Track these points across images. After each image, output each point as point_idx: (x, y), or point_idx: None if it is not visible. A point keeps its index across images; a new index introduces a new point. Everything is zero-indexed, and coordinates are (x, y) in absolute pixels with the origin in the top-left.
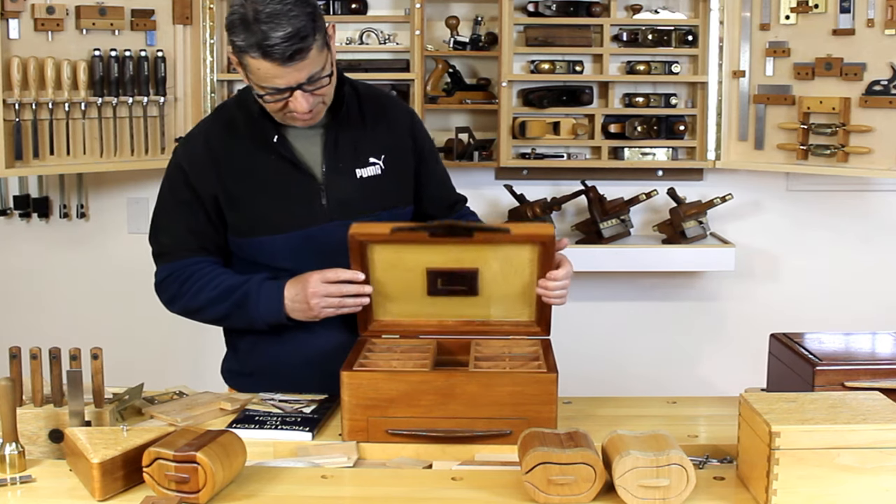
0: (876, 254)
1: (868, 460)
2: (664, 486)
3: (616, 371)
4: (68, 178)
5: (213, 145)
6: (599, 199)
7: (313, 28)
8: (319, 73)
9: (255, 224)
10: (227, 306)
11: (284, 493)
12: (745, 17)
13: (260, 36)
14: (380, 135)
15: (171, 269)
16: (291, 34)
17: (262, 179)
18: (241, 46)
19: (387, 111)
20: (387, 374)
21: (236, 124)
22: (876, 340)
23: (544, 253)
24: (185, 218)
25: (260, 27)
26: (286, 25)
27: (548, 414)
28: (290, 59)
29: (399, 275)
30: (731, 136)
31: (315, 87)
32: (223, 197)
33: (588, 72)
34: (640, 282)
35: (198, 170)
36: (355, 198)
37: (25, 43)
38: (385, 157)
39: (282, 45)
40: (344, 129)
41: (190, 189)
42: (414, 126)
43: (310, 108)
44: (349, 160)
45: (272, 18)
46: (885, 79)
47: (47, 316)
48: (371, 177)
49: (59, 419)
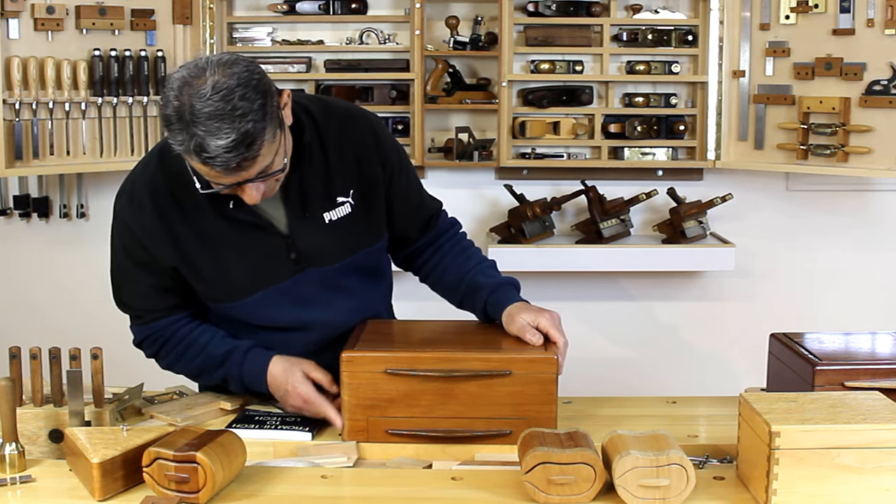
0: (876, 253)
1: (868, 460)
2: (664, 486)
3: (616, 371)
4: (68, 178)
5: (163, 207)
6: (599, 198)
7: (262, 126)
8: (271, 167)
9: (222, 292)
10: (213, 379)
11: (284, 493)
12: (745, 16)
13: (197, 141)
14: (346, 166)
15: (145, 333)
16: (235, 142)
17: (224, 245)
18: (178, 148)
19: (350, 135)
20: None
21: (187, 182)
22: (876, 340)
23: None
24: (148, 278)
25: (198, 131)
26: (229, 132)
27: (548, 414)
28: (235, 169)
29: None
30: (731, 136)
31: (267, 178)
32: (183, 266)
33: (588, 72)
34: (640, 282)
35: (151, 237)
36: (326, 245)
37: (25, 43)
38: (353, 191)
39: (223, 156)
40: (307, 173)
41: (145, 250)
42: (379, 144)
43: (261, 194)
44: (316, 206)
45: (212, 121)
46: (885, 79)
47: (47, 316)
48: (341, 218)
49: (59, 419)
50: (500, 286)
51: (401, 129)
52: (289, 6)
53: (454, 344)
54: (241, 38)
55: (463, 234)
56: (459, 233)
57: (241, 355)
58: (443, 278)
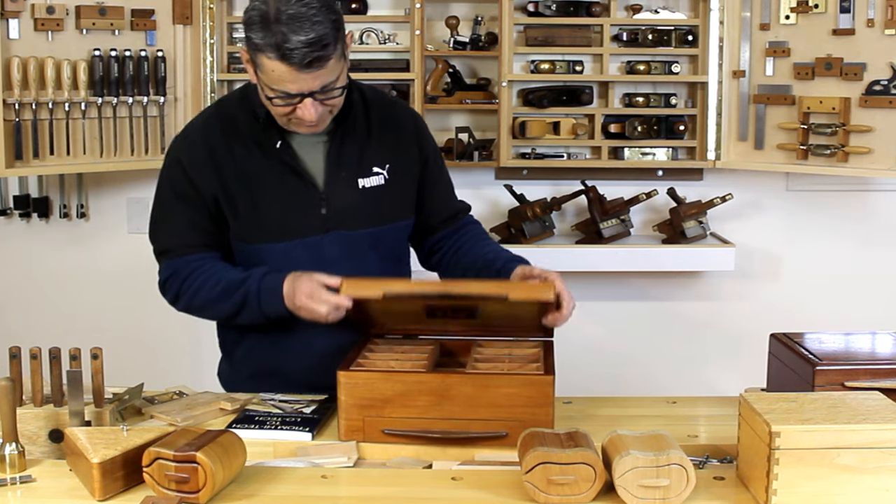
0: (876, 253)
1: (868, 460)
2: (664, 486)
3: (616, 371)
4: (68, 178)
5: (213, 143)
6: (599, 198)
7: (335, 37)
8: (333, 84)
9: (253, 231)
10: (229, 306)
11: (284, 493)
12: (745, 17)
13: (280, 37)
14: (385, 144)
15: (173, 268)
16: (313, 40)
17: (263, 184)
18: (257, 45)
19: (394, 119)
20: (383, 374)
21: (238, 123)
22: (876, 340)
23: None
24: (186, 212)
25: (280, 28)
26: (309, 30)
27: (544, 416)
28: (308, 66)
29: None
30: (731, 136)
31: (326, 97)
32: (222, 197)
33: (588, 72)
34: (640, 282)
35: (197, 166)
36: (356, 208)
37: (25, 43)
38: (389, 166)
39: (301, 51)
40: (349, 138)
41: (190, 183)
42: (420, 133)
43: (317, 117)
44: (352, 170)
45: (294, 21)
46: (885, 79)
47: (47, 316)
48: (374, 187)
49: (59, 419)
50: (516, 258)
51: None
52: None
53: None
54: (242, 38)
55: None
56: (478, 227)
57: (261, 274)
58: (461, 260)
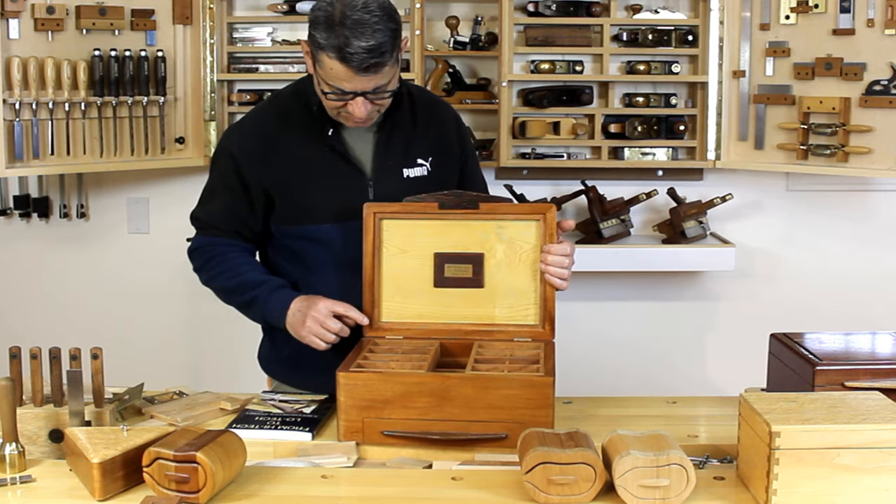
0: (876, 253)
1: (868, 460)
2: (664, 486)
3: (616, 371)
4: (68, 178)
5: (267, 132)
6: (599, 199)
7: (393, 45)
8: (385, 87)
9: (301, 212)
10: (238, 302)
11: (284, 493)
12: (745, 17)
13: (342, 40)
14: (429, 138)
15: (202, 242)
16: (373, 47)
17: (313, 169)
18: (320, 43)
19: (437, 116)
20: (382, 375)
21: (291, 114)
22: (876, 340)
23: (547, 230)
24: (228, 200)
25: (344, 31)
26: (370, 37)
27: (544, 418)
28: (366, 70)
29: (408, 262)
30: (731, 136)
31: (377, 97)
32: (272, 185)
33: (588, 72)
34: (640, 282)
35: (249, 158)
36: (400, 195)
37: (25, 43)
38: (432, 159)
39: (360, 55)
40: (396, 131)
41: (238, 177)
42: (460, 131)
43: (365, 115)
44: (398, 160)
45: (358, 26)
46: (885, 79)
47: (47, 316)
48: (417, 177)
49: (59, 419)
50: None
51: None
52: (289, 6)
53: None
54: (241, 38)
55: None
56: None
57: (274, 286)
58: None
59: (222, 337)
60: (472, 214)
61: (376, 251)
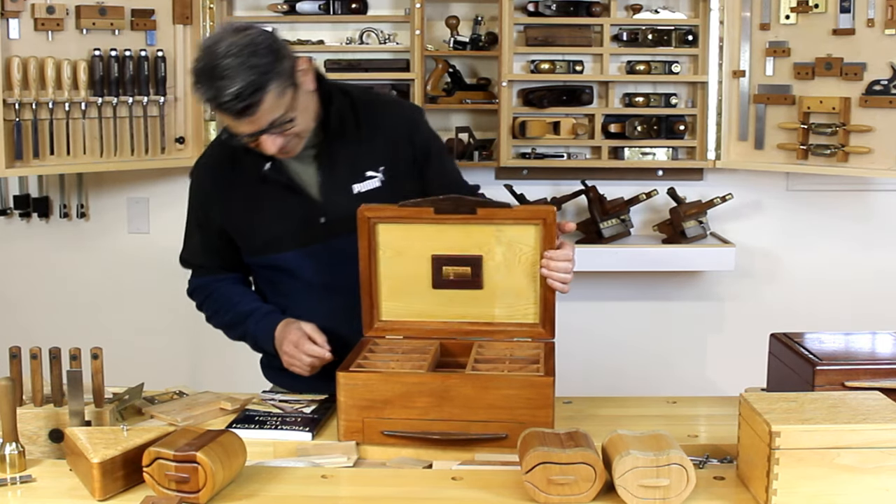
0: (876, 253)
1: (868, 460)
2: (664, 485)
3: (616, 371)
4: (68, 178)
5: (217, 176)
6: (599, 198)
7: (266, 79)
8: (281, 119)
9: (262, 244)
10: (235, 336)
11: (284, 493)
12: (745, 16)
13: (213, 92)
14: (378, 146)
15: (195, 284)
16: (240, 91)
17: (263, 203)
18: (202, 99)
19: (385, 121)
20: (382, 375)
21: (236, 151)
22: (876, 340)
23: (547, 234)
24: (203, 237)
25: (215, 83)
26: (238, 81)
27: (544, 418)
28: (242, 114)
29: (405, 265)
30: (731, 136)
31: (281, 130)
32: (227, 221)
33: (588, 72)
34: (640, 282)
35: (206, 200)
36: (353, 214)
37: (25, 43)
38: (384, 168)
39: (231, 103)
40: (338, 145)
41: (204, 213)
42: (414, 131)
43: (278, 148)
44: (345, 177)
45: (225, 73)
46: (885, 79)
47: (47, 316)
48: (369, 191)
49: (59, 419)
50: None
51: None
52: (289, 6)
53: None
54: None
55: None
56: None
57: (262, 315)
58: None
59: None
60: (470, 219)
61: (372, 254)
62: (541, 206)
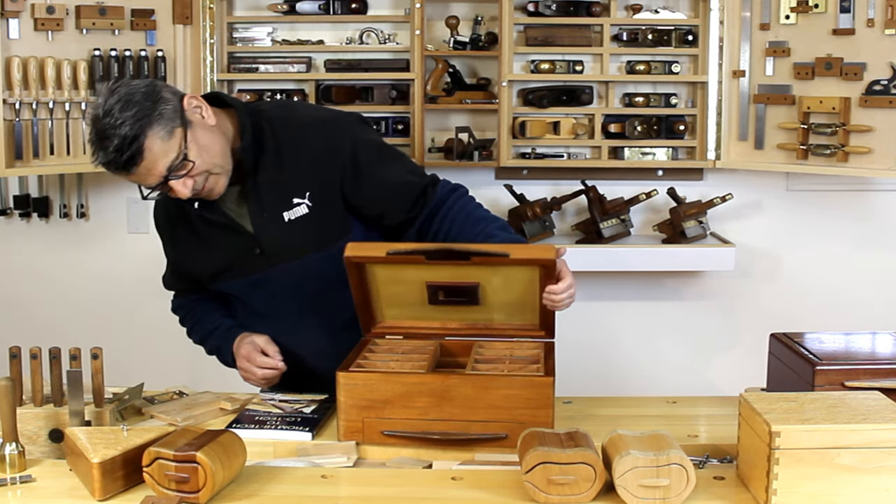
0: (876, 253)
1: (868, 460)
2: (664, 485)
3: (616, 371)
4: (68, 178)
5: (166, 212)
6: (599, 198)
7: (143, 125)
8: (177, 160)
9: (210, 276)
10: (208, 350)
11: (284, 493)
12: (745, 16)
13: (101, 155)
14: (302, 173)
15: (176, 304)
16: (119, 145)
17: (204, 242)
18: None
19: (304, 143)
20: (382, 375)
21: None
22: (876, 340)
23: (545, 274)
24: (172, 263)
25: (100, 148)
26: (113, 138)
27: (544, 418)
28: (129, 167)
29: (400, 288)
30: (731, 136)
31: (185, 173)
32: (181, 258)
33: (588, 72)
34: (640, 282)
35: (162, 234)
36: (287, 242)
37: (25, 43)
38: (310, 193)
39: (116, 160)
40: (263, 176)
41: (165, 244)
42: (335, 149)
43: (192, 191)
44: (274, 206)
45: (103, 136)
46: (885, 79)
47: (47, 316)
48: (299, 217)
49: (59, 419)
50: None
51: (401, 129)
52: (289, 6)
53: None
54: (241, 38)
55: (468, 198)
56: (463, 198)
57: (223, 331)
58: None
59: None
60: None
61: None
62: (540, 252)
